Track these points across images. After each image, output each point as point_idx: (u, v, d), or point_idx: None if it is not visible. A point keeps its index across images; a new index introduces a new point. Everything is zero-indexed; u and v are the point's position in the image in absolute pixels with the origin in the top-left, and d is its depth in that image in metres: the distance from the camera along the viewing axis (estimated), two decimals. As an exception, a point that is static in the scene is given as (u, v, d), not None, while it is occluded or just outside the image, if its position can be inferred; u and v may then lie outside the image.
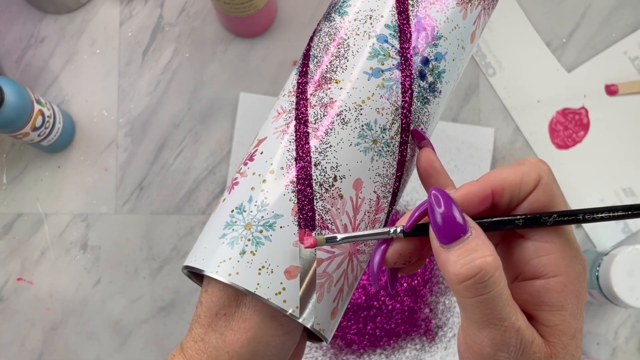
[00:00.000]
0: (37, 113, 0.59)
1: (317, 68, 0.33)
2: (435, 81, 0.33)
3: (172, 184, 0.68)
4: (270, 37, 0.70)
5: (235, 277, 0.29)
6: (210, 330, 0.30)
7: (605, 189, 0.70)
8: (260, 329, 0.30)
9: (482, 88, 0.71)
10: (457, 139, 0.70)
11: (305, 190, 0.30)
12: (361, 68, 0.32)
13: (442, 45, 0.33)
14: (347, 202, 0.31)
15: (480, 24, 0.35)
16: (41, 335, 0.67)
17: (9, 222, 0.68)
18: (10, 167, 0.68)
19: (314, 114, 0.32)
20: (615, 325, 0.68)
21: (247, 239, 0.30)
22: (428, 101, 0.33)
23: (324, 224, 0.30)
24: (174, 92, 0.69)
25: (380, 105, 0.32)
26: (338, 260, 0.30)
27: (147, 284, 0.67)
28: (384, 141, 0.32)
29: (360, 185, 0.31)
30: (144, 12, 0.70)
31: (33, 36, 0.70)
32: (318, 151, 0.31)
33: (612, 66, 0.71)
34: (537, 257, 0.28)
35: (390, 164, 0.32)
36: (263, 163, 0.31)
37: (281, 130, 0.32)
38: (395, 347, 0.67)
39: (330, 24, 0.34)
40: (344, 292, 0.31)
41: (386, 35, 0.32)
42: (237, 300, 0.30)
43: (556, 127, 0.71)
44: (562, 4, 0.72)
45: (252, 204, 0.30)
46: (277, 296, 0.29)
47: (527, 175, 0.28)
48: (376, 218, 0.32)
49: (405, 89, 0.32)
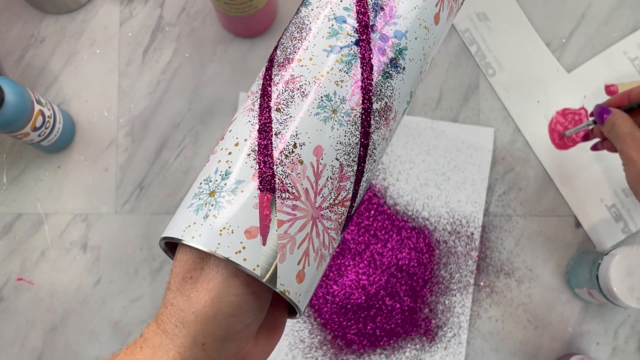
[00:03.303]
0: (37, 113, 0.59)
1: (282, 52, 0.35)
2: (396, 57, 0.35)
3: (172, 184, 0.68)
4: (270, 37, 0.70)
5: (197, 239, 0.30)
6: (179, 294, 0.31)
7: (605, 189, 0.70)
8: (222, 288, 0.30)
9: (482, 88, 0.71)
10: (457, 139, 0.70)
11: (265, 157, 0.32)
12: (321, 47, 0.34)
13: (401, 24, 0.35)
14: (308, 168, 0.32)
15: (444, 7, 0.37)
16: (41, 335, 0.67)
17: (9, 222, 0.68)
18: (10, 167, 0.68)
19: (276, 90, 0.34)
20: (615, 325, 0.68)
21: (210, 205, 0.31)
22: (390, 76, 0.35)
23: (284, 187, 0.31)
24: (174, 92, 0.69)
25: (339, 78, 0.33)
26: (300, 223, 0.31)
27: (147, 284, 0.67)
28: (344, 111, 0.33)
29: (321, 152, 0.32)
30: (144, 12, 0.70)
31: (33, 36, 0.70)
32: (279, 122, 0.33)
33: (612, 66, 0.71)
34: None
35: (352, 133, 0.33)
36: (230, 139, 0.34)
37: (248, 108, 0.34)
38: (395, 347, 0.67)
39: (297, 15, 0.36)
40: (309, 256, 0.32)
41: (345, 17, 0.34)
42: (202, 262, 0.31)
43: (556, 127, 0.71)
44: (562, 4, 0.72)
45: (217, 174, 0.32)
46: (237, 254, 0.30)
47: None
48: (341, 185, 0.33)
49: (364, 63, 0.34)
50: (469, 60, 0.71)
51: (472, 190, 0.69)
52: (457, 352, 0.67)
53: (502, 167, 0.70)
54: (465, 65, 0.71)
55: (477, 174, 0.69)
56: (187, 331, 0.30)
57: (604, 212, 0.70)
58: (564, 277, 0.69)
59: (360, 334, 0.67)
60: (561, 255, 0.69)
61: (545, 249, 0.69)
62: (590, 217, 0.70)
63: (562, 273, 0.69)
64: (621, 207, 0.70)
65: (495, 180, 0.70)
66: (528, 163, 0.70)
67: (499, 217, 0.70)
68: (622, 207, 0.70)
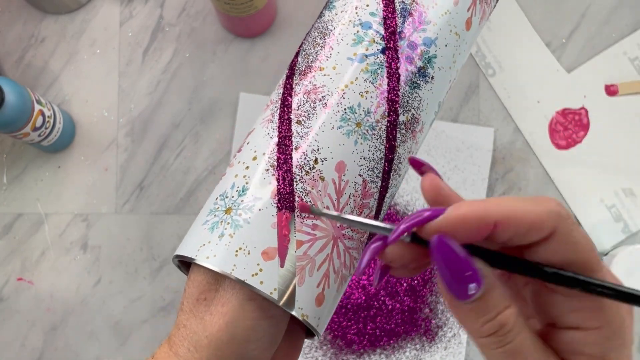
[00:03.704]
0: (37, 113, 0.59)
1: (304, 60, 0.33)
2: (425, 66, 0.33)
3: (172, 184, 0.68)
4: (270, 37, 0.70)
5: (212, 259, 0.29)
6: (192, 316, 0.30)
7: (606, 189, 0.70)
8: (238, 312, 0.29)
9: (482, 88, 0.71)
10: (457, 139, 0.70)
11: (284, 173, 0.30)
12: (345, 55, 0.32)
13: (430, 30, 0.33)
14: (329, 185, 0.30)
15: (476, 11, 0.35)
16: (41, 335, 0.67)
17: (9, 222, 0.68)
18: (10, 167, 0.68)
19: (297, 101, 0.32)
20: (615, 325, 0.68)
21: (226, 223, 0.30)
22: (418, 86, 0.33)
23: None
24: (174, 92, 0.69)
25: (364, 89, 0.31)
26: (320, 244, 0.30)
27: (147, 284, 0.67)
28: (368, 124, 0.31)
29: (343, 167, 0.31)
30: (144, 12, 0.70)
31: (33, 36, 0.70)
32: (299, 135, 0.31)
33: (612, 66, 0.71)
34: (572, 311, 0.24)
35: (377, 147, 0.31)
36: (248, 151, 0.32)
37: (267, 119, 0.32)
38: (395, 347, 0.67)
39: (320, 20, 0.34)
40: (329, 278, 0.30)
41: (371, 23, 0.32)
42: (217, 284, 0.30)
43: (556, 128, 0.71)
44: (562, 4, 0.72)
45: (234, 190, 0.31)
46: (254, 277, 0.28)
47: (540, 220, 0.23)
48: (364, 203, 0.31)
49: (391, 73, 0.32)
50: (469, 60, 0.71)
51: (472, 190, 0.69)
52: (457, 352, 0.67)
53: (502, 167, 0.70)
54: (465, 65, 0.71)
55: (477, 174, 0.69)
56: (199, 355, 0.29)
57: (604, 212, 0.70)
58: (564, 277, 0.69)
59: (360, 333, 0.67)
60: (561, 255, 0.69)
61: (545, 249, 0.69)
62: (590, 217, 0.70)
63: (562, 273, 0.69)
64: (621, 207, 0.70)
65: (495, 180, 0.70)
66: (528, 163, 0.70)
67: (499, 217, 0.69)
68: (622, 207, 0.70)
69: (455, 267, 0.23)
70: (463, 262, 0.23)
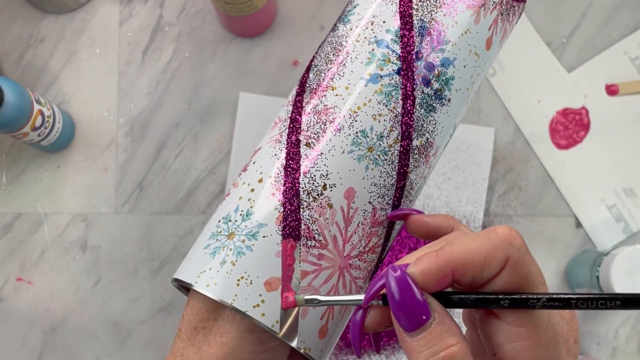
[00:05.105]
0: (36, 113, 0.59)
1: (315, 77, 0.32)
2: (442, 88, 0.31)
3: (172, 184, 0.68)
4: (270, 37, 0.70)
5: (212, 287, 0.28)
6: (190, 345, 0.29)
7: (606, 189, 0.70)
8: (237, 344, 0.28)
9: (482, 88, 0.71)
10: (457, 139, 0.70)
11: (291, 198, 0.29)
12: (358, 74, 0.30)
13: (449, 51, 0.31)
14: (337, 212, 0.29)
15: (497, 30, 0.33)
16: (41, 335, 0.67)
17: (9, 222, 0.68)
18: (10, 167, 0.68)
19: (307, 121, 0.30)
20: (615, 325, 0.68)
21: (228, 249, 0.28)
22: (434, 109, 0.31)
23: (310, 233, 0.28)
24: (174, 92, 0.69)
25: (377, 112, 0.30)
26: (326, 274, 0.29)
27: (147, 284, 0.67)
28: (380, 149, 0.30)
29: (353, 194, 0.29)
30: (144, 12, 0.70)
31: (33, 36, 0.70)
32: (308, 158, 0.29)
33: (613, 66, 0.71)
34: (510, 342, 0.25)
35: (389, 173, 0.30)
36: (254, 172, 0.31)
37: (275, 139, 0.31)
38: (395, 347, 0.67)
39: (333, 34, 0.33)
40: (334, 310, 0.29)
41: (387, 41, 0.31)
42: (216, 313, 0.29)
43: (556, 127, 0.71)
44: (562, 4, 0.72)
45: (238, 214, 0.29)
46: (255, 309, 0.27)
47: (491, 256, 0.24)
48: (373, 231, 0.30)
49: (406, 95, 0.30)
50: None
51: (473, 190, 0.69)
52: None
53: (502, 167, 0.70)
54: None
55: (477, 173, 0.69)
56: None
57: (605, 212, 0.70)
58: (565, 277, 0.69)
59: (360, 334, 0.67)
60: (561, 255, 0.69)
61: (546, 249, 0.69)
62: (591, 217, 0.69)
63: (562, 273, 0.69)
64: (622, 207, 0.70)
65: (496, 180, 0.70)
66: (528, 163, 0.70)
67: (500, 217, 0.69)
68: (622, 207, 0.70)
69: (406, 298, 0.24)
70: (414, 294, 0.24)
